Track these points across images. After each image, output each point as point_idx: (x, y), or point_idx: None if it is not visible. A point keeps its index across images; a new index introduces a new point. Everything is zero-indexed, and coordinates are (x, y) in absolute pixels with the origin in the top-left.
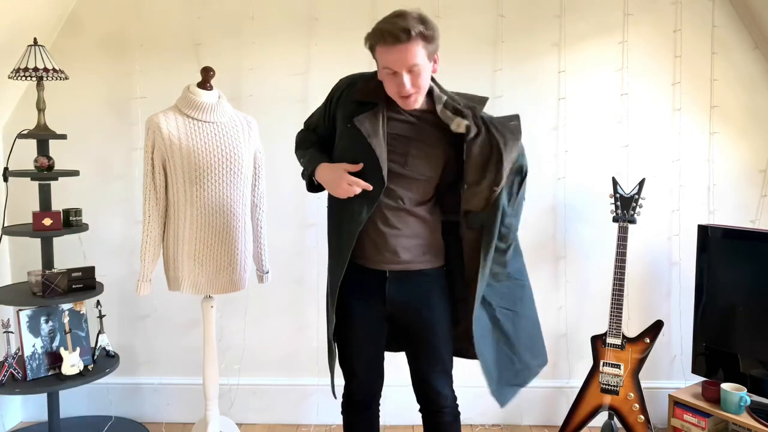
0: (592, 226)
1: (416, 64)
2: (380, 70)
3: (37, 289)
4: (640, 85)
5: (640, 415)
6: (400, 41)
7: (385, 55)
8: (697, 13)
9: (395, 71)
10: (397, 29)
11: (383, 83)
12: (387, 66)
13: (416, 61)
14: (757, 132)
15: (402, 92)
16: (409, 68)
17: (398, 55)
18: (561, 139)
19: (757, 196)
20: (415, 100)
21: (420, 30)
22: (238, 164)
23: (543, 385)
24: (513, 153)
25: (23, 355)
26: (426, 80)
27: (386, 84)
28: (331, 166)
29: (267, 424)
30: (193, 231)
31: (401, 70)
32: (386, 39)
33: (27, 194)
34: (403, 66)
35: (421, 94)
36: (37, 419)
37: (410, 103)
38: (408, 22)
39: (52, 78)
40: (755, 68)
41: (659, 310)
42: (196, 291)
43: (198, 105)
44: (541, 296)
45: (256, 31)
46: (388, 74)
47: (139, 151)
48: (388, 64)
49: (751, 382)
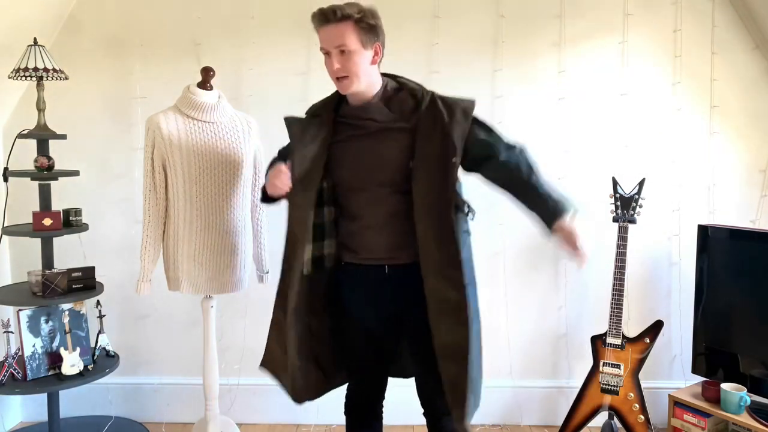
0: (592, 226)
1: (344, 44)
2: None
3: (37, 289)
4: (640, 85)
5: (640, 415)
6: (328, 21)
7: (320, 35)
8: (697, 13)
9: (327, 51)
10: (328, 10)
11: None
12: (321, 46)
13: (344, 41)
14: (757, 132)
15: (331, 72)
16: (337, 48)
17: (326, 33)
18: (561, 139)
19: (757, 196)
20: (348, 85)
21: (350, 13)
22: (238, 164)
23: (543, 385)
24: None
25: (23, 355)
26: (359, 66)
27: (326, 66)
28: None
29: (267, 424)
30: (192, 231)
31: (330, 48)
32: (318, 18)
33: (27, 194)
34: (331, 44)
35: (356, 81)
36: (37, 419)
37: (343, 86)
38: (341, 6)
39: (52, 78)
40: (755, 68)
41: (659, 310)
42: (196, 291)
43: (198, 105)
44: (541, 296)
45: (256, 31)
46: (325, 55)
47: (139, 151)
48: (322, 44)
49: (751, 382)
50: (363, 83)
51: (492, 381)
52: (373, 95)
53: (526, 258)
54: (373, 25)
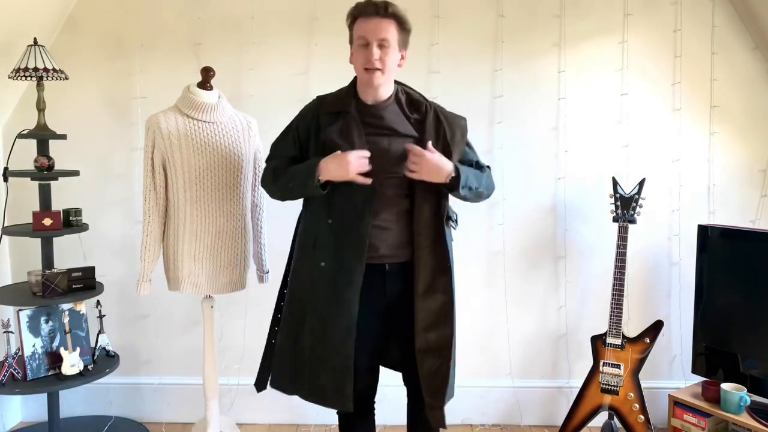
0: (592, 226)
1: (386, 39)
2: (354, 43)
3: (37, 289)
4: (640, 85)
5: (640, 415)
6: (378, 14)
7: (363, 25)
8: (697, 13)
9: (367, 42)
10: (380, 3)
11: (355, 58)
12: (362, 35)
13: (387, 36)
14: (757, 132)
15: (369, 62)
16: (380, 41)
17: (373, 25)
18: (561, 139)
19: (757, 196)
20: (378, 78)
21: (396, 12)
22: (238, 164)
23: (543, 385)
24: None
25: (23, 355)
26: (392, 62)
27: (357, 57)
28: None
29: (267, 424)
30: (193, 231)
31: (373, 40)
32: (368, 10)
33: (27, 194)
34: (375, 37)
35: (386, 75)
36: (37, 419)
37: (374, 79)
38: (391, 3)
39: (52, 78)
40: (755, 68)
41: (659, 310)
42: (196, 291)
43: (198, 105)
44: (541, 296)
45: (256, 31)
46: (361, 45)
47: (139, 151)
48: (363, 33)
49: (751, 382)
50: (388, 80)
51: (492, 381)
52: (388, 97)
53: (526, 258)
54: (408, 31)
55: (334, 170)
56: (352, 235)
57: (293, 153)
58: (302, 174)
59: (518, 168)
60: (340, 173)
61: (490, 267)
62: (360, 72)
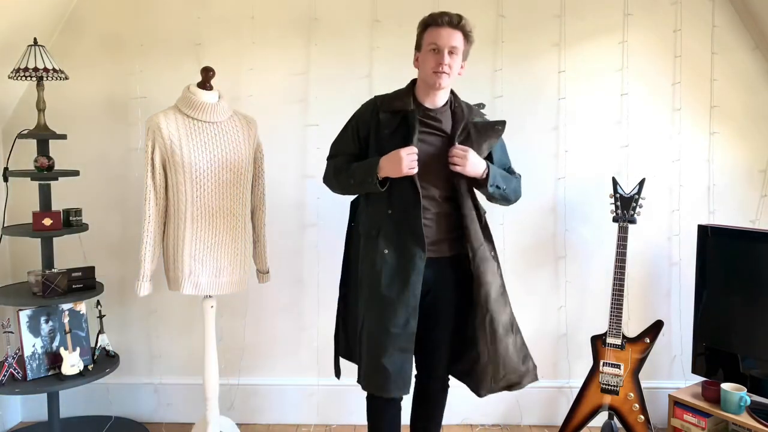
0: (592, 226)
1: (456, 47)
2: (424, 48)
3: (37, 289)
4: (640, 85)
5: (640, 415)
6: (452, 24)
7: (436, 32)
8: (697, 13)
9: (440, 48)
10: (454, 15)
11: (423, 62)
12: (434, 41)
13: (457, 44)
14: (757, 132)
15: (439, 66)
16: (450, 48)
17: (447, 34)
18: (561, 139)
19: (757, 196)
20: (445, 80)
21: (466, 25)
22: (238, 164)
23: (543, 385)
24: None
25: (23, 355)
26: (456, 68)
27: (426, 61)
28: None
29: (267, 424)
30: (193, 231)
31: (445, 47)
32: (443, 19)
33: (27, 194)
34: (447, 44)
35: (451, 79)
36: (37, 419)
37: (441, 81)
38: (461, 17)
39: (52, 78)
40: (755, 68)
41: (659, 310)
42: (197, 291)
43: (198, 105)
44: (541, 296)
45: (256, 31)
46: (431, 51)
47: (139, 151)
48: (435, 40)
49: (751, 382)
50: (450, 85)
51: None
52: (445, 102)
53: (526, 258)
54: (472, 43)
55: (388, 167)
56: (409, 223)
57: (353, 150)
58: (362, 172)
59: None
60: (394, 170)
61: None
62: (428, 75)
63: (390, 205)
